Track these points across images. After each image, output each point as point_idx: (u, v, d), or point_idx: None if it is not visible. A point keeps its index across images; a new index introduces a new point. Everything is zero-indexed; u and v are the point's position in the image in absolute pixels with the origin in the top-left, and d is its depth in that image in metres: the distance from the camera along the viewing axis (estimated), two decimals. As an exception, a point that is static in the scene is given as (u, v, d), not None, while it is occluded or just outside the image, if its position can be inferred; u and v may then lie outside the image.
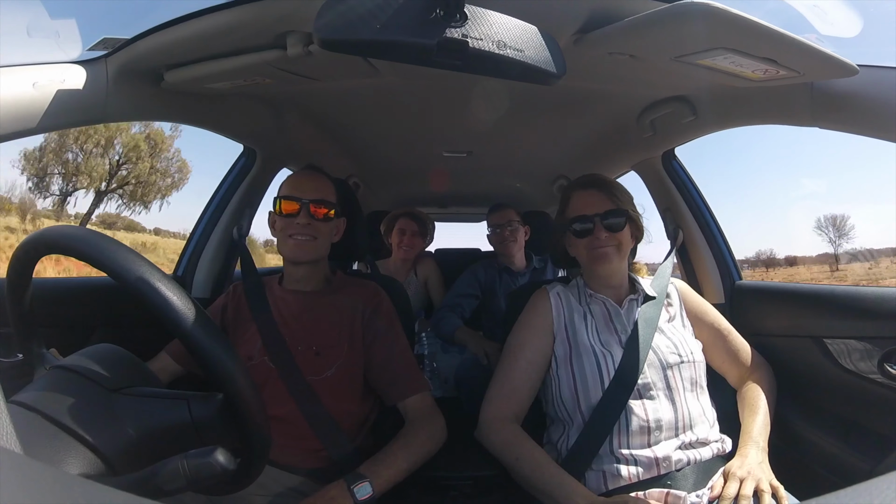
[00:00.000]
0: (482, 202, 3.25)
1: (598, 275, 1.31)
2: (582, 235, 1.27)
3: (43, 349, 0.79)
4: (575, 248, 1.32)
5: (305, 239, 1.28)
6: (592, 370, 1.17)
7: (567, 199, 1.34)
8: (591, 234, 1.26)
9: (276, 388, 1.18)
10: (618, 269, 1.31)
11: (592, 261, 1.27)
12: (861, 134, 1.03)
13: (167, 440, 0.66)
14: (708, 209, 1.80)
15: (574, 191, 1.33)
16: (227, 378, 0.65)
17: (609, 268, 1.28)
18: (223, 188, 1.83)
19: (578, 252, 1.31)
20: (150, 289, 0.61)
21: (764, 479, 1.01)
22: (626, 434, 1.11)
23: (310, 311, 1.30)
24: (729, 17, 0.82)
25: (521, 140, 2.05)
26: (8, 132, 0.91)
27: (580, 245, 1.29)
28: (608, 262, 1.26)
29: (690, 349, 1.22)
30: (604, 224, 1.25)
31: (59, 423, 0.57)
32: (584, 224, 1.27)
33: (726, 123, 1.43)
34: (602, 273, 1.30)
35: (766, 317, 1.52)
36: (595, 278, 1.33)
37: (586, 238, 1.27)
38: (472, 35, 0.70)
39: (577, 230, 1.28)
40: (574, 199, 1.32)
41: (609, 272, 1.29)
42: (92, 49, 1.09)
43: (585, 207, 1.28)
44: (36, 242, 0.67)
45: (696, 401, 1.18)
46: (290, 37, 1.02)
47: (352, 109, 1.66)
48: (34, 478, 0.28)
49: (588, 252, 1.27)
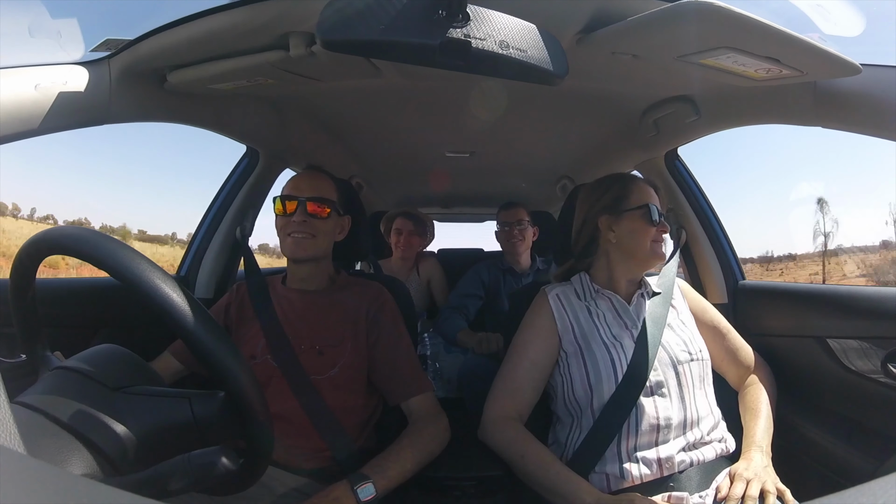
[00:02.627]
0: (485, 202, 3.26)
1: (648, 267, 1.32)
2: (655, 223, 1.26)
3: (47, 351, 0.79)
4: (634, 236, 1.28)
5: (303, 237, 1.28)
6: (606, 365, 1.16)
7: (627, 186, 1.31)
8: (660, 225, 1.27)
9: (279, 386, 1.18)
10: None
11: (654, 252, 1.27)
12: (864, 133, 1.03)
13: (169, 438, 0.66)
14: (711, 209, 1.80)
15: (636, 182, 1.33)
16: (230, 376, 0.65)
17: (659, 264, 1.31)
18: (226, 188, 1.84)
19: (638, 240, 1.27)
20: (152, 289, 0.62)
21: (770, 482, 1.00)
22: (636, 433, 1.11)
23: (313, 310, 1.30)
24: (732, 16, 0.82)
25: (524, 140, 2.05)
26: (11, 134, 0.91)
27: (648, 234, 1.26)
28: (663, 258, 1.29)
29: (699, 346, 1.22)
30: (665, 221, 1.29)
31: (62, 424, 0.58)
32: (656, 214, 1.27)
33: (729, 123, 1.42)
34: (656, 264, 1.31)
35: (770, 317, 1.52)
36: (627, 270, 1.31)
37: (656, 227, 1.27)
38: (475, 35, 0.70)
39: (650, 219, 1.26)
40: (638, 189, 1.30)
41: (653, 267, 1.32)
42: (95, 50, 1.10)
43: (652, 199, 1.29)
44: (39, 243, 0.68)
45: (705, 398, 1.18)
46: (293, 37, 1.03)
47: (354, 110, 1.66)
48: (38, 478, 0.28)
49: (652, 244, 1.27)
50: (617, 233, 1.29)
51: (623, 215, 1.29)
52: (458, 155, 2.26)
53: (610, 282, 1.32)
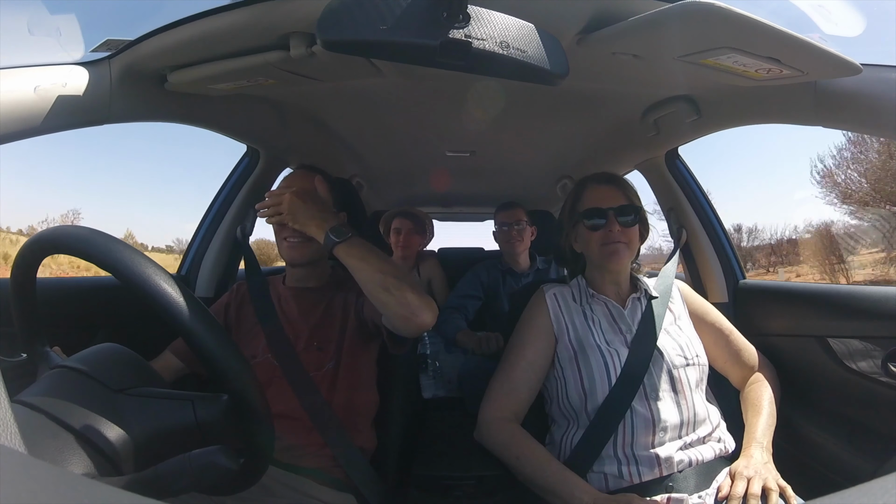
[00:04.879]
0: (485, 202, 3.25)
1: (609, 270, 1.30)
2: (596, 228, 1.26)
3: (46, 348, 0.79)
4: (585, 243, 1.30)
5: (298, 241, 1.27)
6: (600, 369, 1.17)
7: (580, 193, 1.33)
8: (605, 227, 1.25)
9: (280, 386, 1.18)
10: (626, 267, 1.31)
11: (604, 256, 1.26)
12: (865, 133, 1.03)
13: (172, 441, 0.66)
14: (711, 208, 1.80)
15: (589, 185, 1.32)
16: (231, 377, 0.65)
17: (620, 264, 1.27)
18: (227, 188, 1.84)
19: (589, 247, 1.29)
20: (153, 288, 0.62)
21: (771, 479, 1.00)
22: (631, 434, 1.11)
23: (312, 308, 1.30)
24: (732, 16, 0.82)
25: (525, 140, 2.04)
26: (11, 133, 0.92)
27: (592, 239, 1.27)
28: (619, 258, 1.25)
29: (696, 351, 1.22)
30: (618, 219, 1.25)
31: (63, 424, 0.58)
32: (598, 217, 1.26)
33: (730, 122, 1.42)
34: (612, 269, 1.29)
35: (770, 316, 1.52)
36: (601, 276, 1.32)
37: (599, 231, 1.26)
38: (475, 35, 0.70)
39: (590, 223, 1.26)
40: (588, 193, 1.31)
41: (619, 269, 1.29)
42: (95, 50, 1.10)
43: (600, 201, 1.27)
44: (40, 242, 0.68)
45: (702, 402, 1.18)
46: (293, 38, 1.03)
47: (355, 109, 1.66)
48: (38, 477, 0.28)
49: (600, 247, 1.26)
50: (577, 242, 1.33)
51: (576, 225, 1.32)
52: (458, 154, 2.26)
53: (597, 287, 1.32)
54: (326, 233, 1.09)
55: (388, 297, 1.04)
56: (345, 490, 1.17)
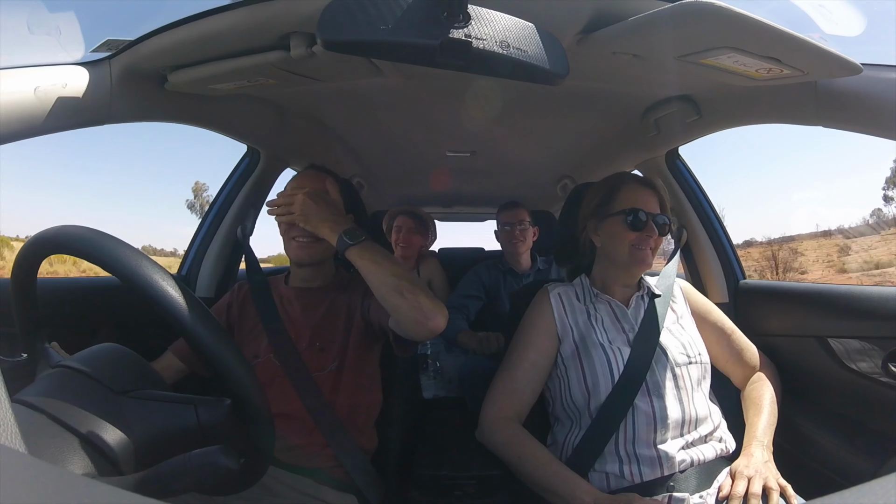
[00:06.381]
0: (485, 202, 3.26)
1: (630, 273, 1.29)
2: (636, 228, 1.23)
3: (45, 344, 0.79)
4: (614, 239, 1.27)
5: (307, 241, 1.27)
6: (603, 367, 1.16)
7: (615, 191, 1.29)
8: (644, 231, 1.23)
9: (281, 386, 1.18)
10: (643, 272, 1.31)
11: (633, 258, 1.24)
12: (865, 133, 1.03)
13: (174, 445, 0.65)
14: (712, 208, 1.80)
15: (626, 184, 1.30)
16: (232, 378, 0.65)
17: (643, 269, 1.27)
18: (227, 188, 1.84)
19: (619, 244, 1.26)
20: (154, 288, 0.62)
21: (771, 478, 1.00)
22: (633, 431, 1.11)
23: (314, 308, 1.30)
24: (732, 16, 0.82)
25: (525, 140, 2.04)
26: (12, 133, 0.92)
27: (627, 238, 1.24)
28: (646, 264, 1.25)
29: (699, 350, 1.22)
30: (656, 224, 1.24)
31: (64, 424, 0.57)
32: (640, 219, 1.23)
33: (730, 122, 1.42)
34: (635, 272, 1.29)
35: (770, 316, 1.52)
36: (615, 275, 1.31)
37: (638, 233, 1.23)
38: (476, 35, 0.70)
39: (631, 222, 1.23)
40: (626, 193, 1.28)
41: (640, 272, 1.29)
42: (95, 51, 1.10)
43: (642, 203, 1.25)
44: (42, 242, 0.68)
45: (704, 401, 1.18)
46: (294, 38, 1.03)
47: (355, 109, 1.66)
48: (38, 477, 0.28)
49: (631, 248, 1.24)
50: (601, 237, 1.30)
51: (606, 220, 1.29)
52: (458, 154, 2.26)
53: (604, 286, 1.32)
54: (340, 235, 1.09)
55: (401, 300, 1.04)
56: (346, 490, 1.17)
